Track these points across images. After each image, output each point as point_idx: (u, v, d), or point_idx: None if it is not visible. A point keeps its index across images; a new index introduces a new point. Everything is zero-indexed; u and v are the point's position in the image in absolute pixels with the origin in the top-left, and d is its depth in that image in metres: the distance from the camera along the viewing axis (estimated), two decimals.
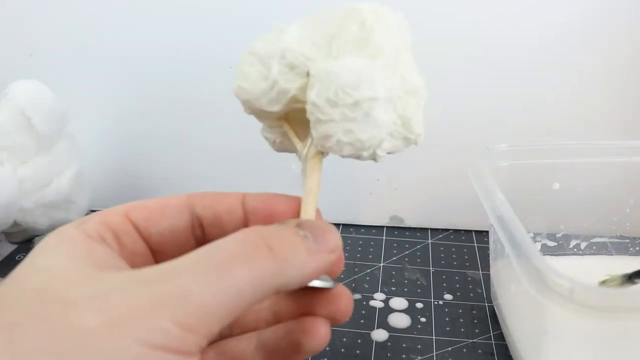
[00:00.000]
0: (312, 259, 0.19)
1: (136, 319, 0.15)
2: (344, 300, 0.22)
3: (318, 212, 0.22)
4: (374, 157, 0.22)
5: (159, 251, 0.22)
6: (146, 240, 0.21)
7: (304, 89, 0.21)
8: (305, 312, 0.22)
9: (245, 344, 0.22)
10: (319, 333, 0.21)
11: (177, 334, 0.16)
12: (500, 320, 0.41)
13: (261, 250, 0.18)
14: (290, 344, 0.21)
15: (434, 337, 0.41)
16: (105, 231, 0.20)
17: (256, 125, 0.24)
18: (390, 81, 0.21)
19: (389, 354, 0.39)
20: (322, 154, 0.23)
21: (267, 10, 0.47)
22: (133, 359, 0.15)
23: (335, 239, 0.20)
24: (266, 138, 0.25)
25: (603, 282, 0.33)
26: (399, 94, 0.21)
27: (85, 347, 0.15)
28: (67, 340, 0.15)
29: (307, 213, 0.22)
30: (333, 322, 0.22)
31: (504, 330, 0.40)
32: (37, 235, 0.52)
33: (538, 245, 0.47)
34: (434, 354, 0.39)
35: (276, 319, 0.23)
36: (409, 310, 0.43)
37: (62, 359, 0.15)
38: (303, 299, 0.22)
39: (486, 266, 0.48)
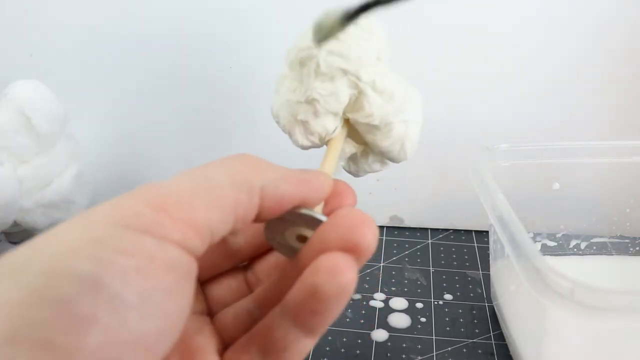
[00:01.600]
0: (291, 170, 0.20)
1: (110, 208, 0.17)
2: (355, 216, 0.19)
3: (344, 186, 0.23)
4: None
5: None
6: None
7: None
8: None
9: (271, 316, 0.20)
10: (334, 268, 0.17)
11: (149, 214, 0.16)
12: (500, 320, 0.41)
13: (239, 157, 0.19)
14: (307, 293, 0.18)
15: (434, 337, 0.41)
16: None
17: (257, 124, 0.24)
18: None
19: (389, 354, 0.39)
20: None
21: (267, 10, 0.47)
22: (107, 237, 0.16)
23: (325, 176, 0.21)
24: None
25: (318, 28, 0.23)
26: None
27: (62, 232, 0.16)
28: (46, 236, 0.16)
29: None
30: (356, 253, 0.18)
31: (504, 330, 0.40)
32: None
33: (538, 245, 0.47)
34: (434, 354, 0.39)
35: None
36: (409, 310, 0.43)
37: (40, 247, 0.16)
38: (314, 243, 0.19)
39: (486, 266, 0.48)
